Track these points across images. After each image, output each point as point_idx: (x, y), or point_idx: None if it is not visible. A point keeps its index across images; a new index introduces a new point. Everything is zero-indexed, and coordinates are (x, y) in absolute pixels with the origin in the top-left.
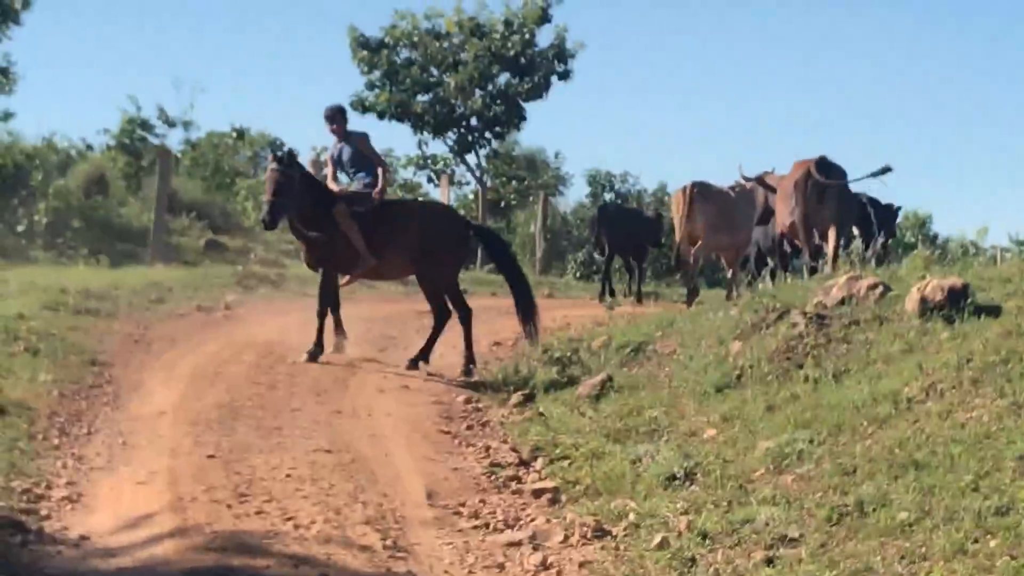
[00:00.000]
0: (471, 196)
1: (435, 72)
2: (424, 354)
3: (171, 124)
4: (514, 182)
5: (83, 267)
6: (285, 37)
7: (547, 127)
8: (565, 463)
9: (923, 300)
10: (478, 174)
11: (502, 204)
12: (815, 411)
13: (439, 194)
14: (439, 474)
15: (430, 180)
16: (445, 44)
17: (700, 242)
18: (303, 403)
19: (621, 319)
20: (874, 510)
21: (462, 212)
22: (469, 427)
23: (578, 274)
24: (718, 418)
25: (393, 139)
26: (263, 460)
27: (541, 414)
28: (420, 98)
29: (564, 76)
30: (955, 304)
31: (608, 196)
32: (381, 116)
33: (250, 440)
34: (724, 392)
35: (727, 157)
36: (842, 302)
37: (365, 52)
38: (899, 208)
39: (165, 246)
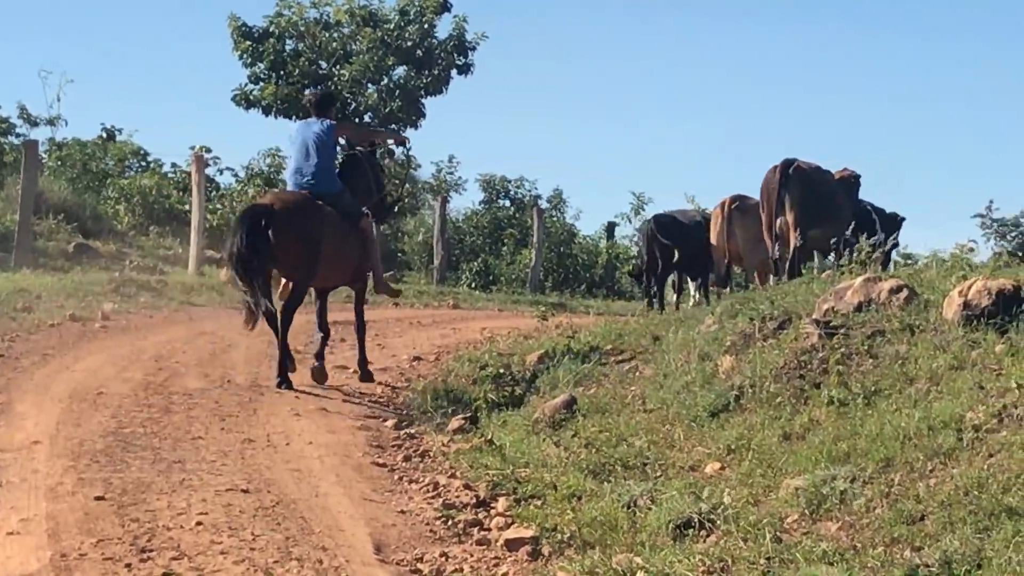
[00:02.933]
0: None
1: (325, 65)
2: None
3: (34, 123)
4: (407, 185)
5: None
6: (159, 25)
7: (446, 125)
8: (536, 504)
9: (967, 305)
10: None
11: (396, 209)
12: (851, 441)
13: None
14: (384, 519)
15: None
16: (335, 34)
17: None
18: (206, 430)
19: (555, 330)
20: (968, 572)
21: None
22: (407, 458)
23: (473, 284)
24: (721, 449)
25: (280, 136)
26: (166, 503)
27: (492, 442)
28: (309, 92)
29: (464, 70)
30: (1007, 310)
31: (504, 202)
32: (267, 111)
33: (147, 477)
34: (721, 417)
35: (635, 166)
36: (859, 308)
37: (248, 43)
38: (903, 219)
39: (31, 250)
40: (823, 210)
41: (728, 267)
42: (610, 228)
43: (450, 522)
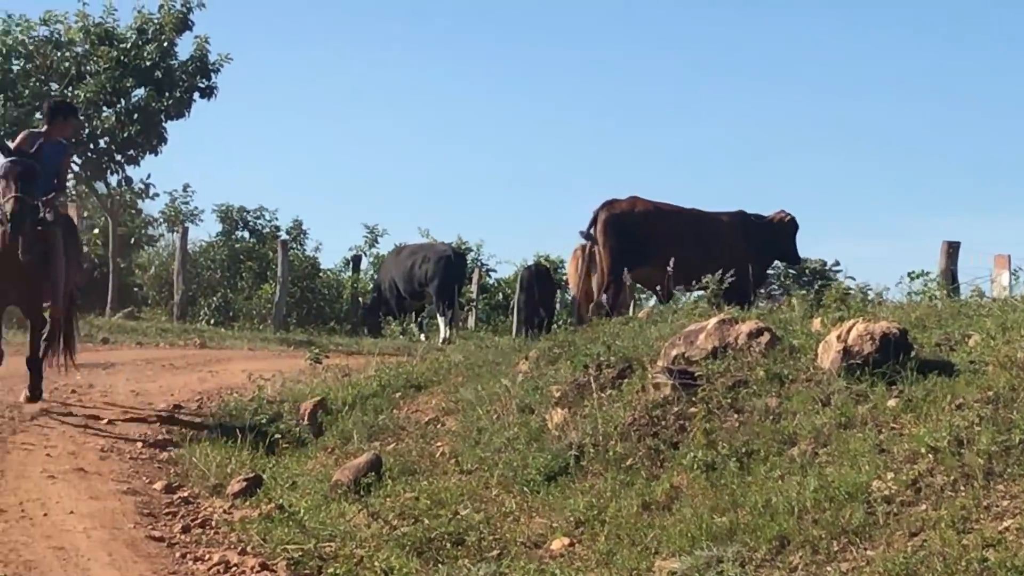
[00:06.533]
0: (96, 231)
1: (57, 86)
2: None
3: None
4: (143, 214)
5: None
6: None
7: (186, 152)
8: None
9: (847, 352)
10: (109, 205)
11: (132, 241)
12: (731, 514)
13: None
14: None
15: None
16: (68, 53)
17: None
18: None
19: (327, 373)
20: None
21: (85, 249)
22: (185, 529)
23: (213, 320)
24: (568, 521)
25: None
26: None
27: (282, 508)
28: (39, 116)
29: (207, 93)
30: (893, 357)
31: (242, 233)
32: None
33: None
34: (560, 481)
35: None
36: (714, 354)
37: None
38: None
39: None
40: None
41: (580, 306)
42: (355, 261)
43: None
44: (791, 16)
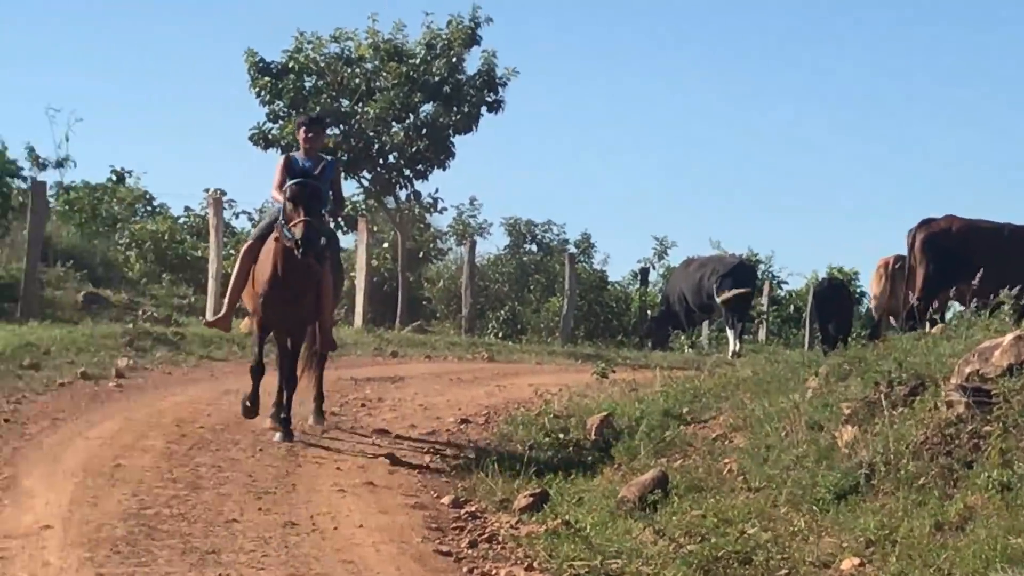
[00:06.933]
0: (386, 245)
1: (347, 102)
2: None
3: (41, 165)
4: (432, 228)
5: None
6: (171, 60)
7: (472, 166)
8: None
9: None
10: (398, 220)
11: (420, 255)
12: None
13: (356, 242)
14: None
15: (340, 227)
16: (358, 70)
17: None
18: (241, 510)
19: (614, 388)
20: None
21: (375, 263)
22: (472, 544)
23: (500, 333)
24: (859, 541)
25: None
26: None
27: (569, 524)
28: (331, 131)
29: (494, 107)
30: None
31: (530, 247)
32: (286, 151)
33: (178, 572)
34: (850, 500)
35: (663, 210)
36: (1010, 371)
37: (266, 79)
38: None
39: (38, 300)
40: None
41: (880, 322)
42: (643, 274)
43: None
44: None
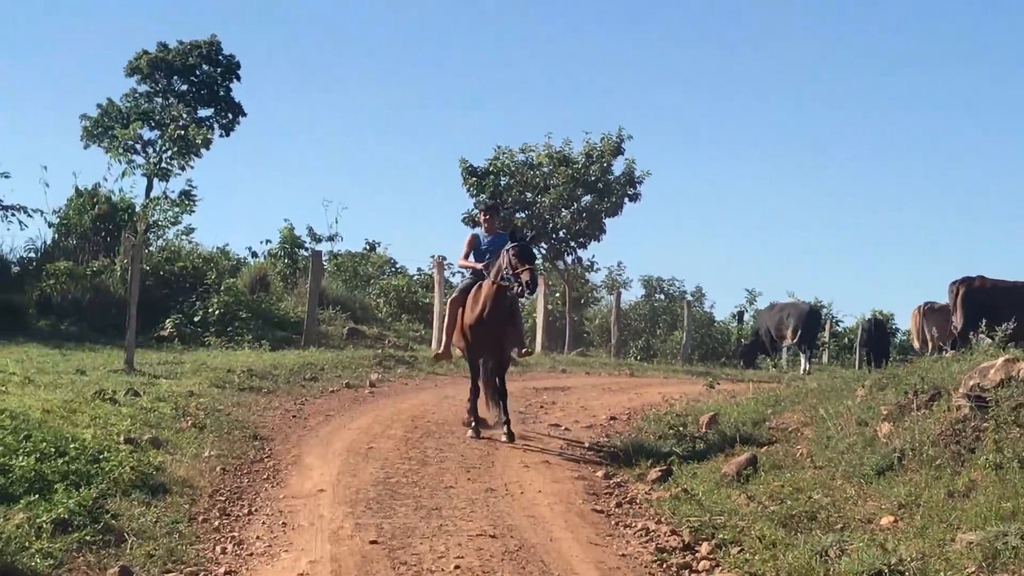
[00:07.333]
0: (557, 295)
1: (530, 195)
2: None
3: (318, 239)
4: (589, 282)
5: (248, 351)
6: (410, 166)
7: (620, 237)
8: (735, 550)
9: None
10: (566, 277)
11: (582, 301)
12: (1015, 501)
13: (537, 293)
14: (609, 562)
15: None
16: (537, 172)
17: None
18: (455, 480)
19: (719, 395)
20: None
21: (550, 307)
22: (618, 504)
23: (639, 357)
24: (892, 504)
25: None
26: (428, 547)
27: (687, 491)
28: (519, 215)
29: (634, 198)
30: None
31: (659, 295)
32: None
33: (411, 523)
34: (887, 476)
35: (753, 266)
36: (1002, 384)
37: (473, 179)
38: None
39: (316, 333)
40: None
41: (921, 352)
42: (739, 315)
43: (665, 565)
44: None
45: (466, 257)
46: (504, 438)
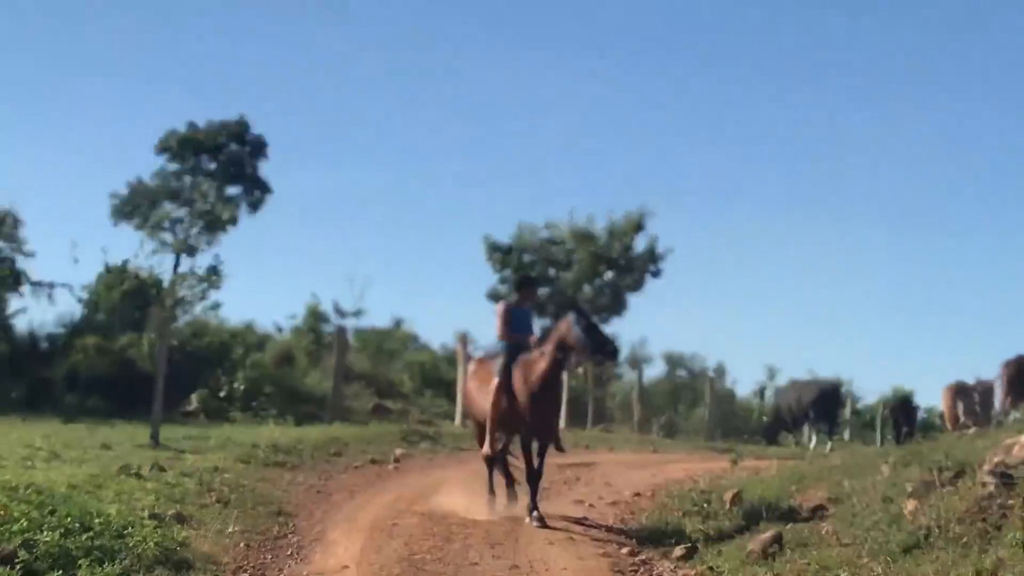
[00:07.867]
0: (579, 370)
1: (553, 271)
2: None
3: (343, 315)
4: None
5: (273, 425)
6: (434, 242)
7: (642, 313)
8: None
9: None
10: None
11: (604, 377)
12: None
13: None
14: None
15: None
16: (560, 248)
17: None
18: (480, 556)
19: (743, 472)
20: None
21: (572, 383)
22: None
23: (661, 433)
24: None
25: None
26: None
27: (712, 569)
28: (542, 291)
29: (656, 274)
30: None
31: (681, 372)
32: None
33: None
34: (914, 553)
35: (773, 344)
36: None
37: (497, 254)
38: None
39: (341, 408)
40: None
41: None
42: (761, 391)
43: None
44: None
45: (506, 327)
46: (536, 523)
